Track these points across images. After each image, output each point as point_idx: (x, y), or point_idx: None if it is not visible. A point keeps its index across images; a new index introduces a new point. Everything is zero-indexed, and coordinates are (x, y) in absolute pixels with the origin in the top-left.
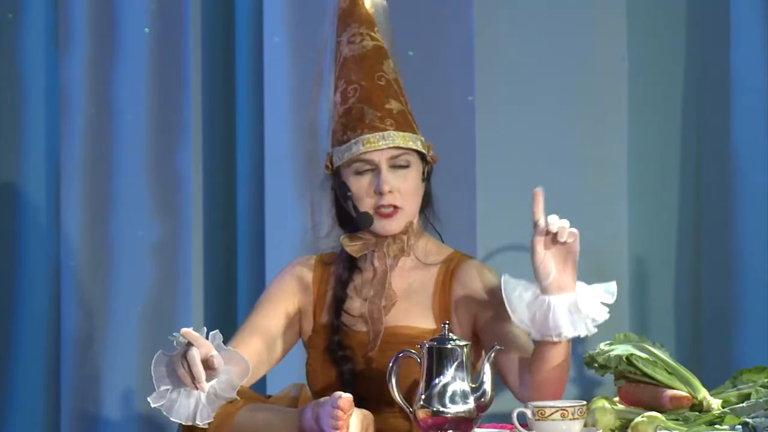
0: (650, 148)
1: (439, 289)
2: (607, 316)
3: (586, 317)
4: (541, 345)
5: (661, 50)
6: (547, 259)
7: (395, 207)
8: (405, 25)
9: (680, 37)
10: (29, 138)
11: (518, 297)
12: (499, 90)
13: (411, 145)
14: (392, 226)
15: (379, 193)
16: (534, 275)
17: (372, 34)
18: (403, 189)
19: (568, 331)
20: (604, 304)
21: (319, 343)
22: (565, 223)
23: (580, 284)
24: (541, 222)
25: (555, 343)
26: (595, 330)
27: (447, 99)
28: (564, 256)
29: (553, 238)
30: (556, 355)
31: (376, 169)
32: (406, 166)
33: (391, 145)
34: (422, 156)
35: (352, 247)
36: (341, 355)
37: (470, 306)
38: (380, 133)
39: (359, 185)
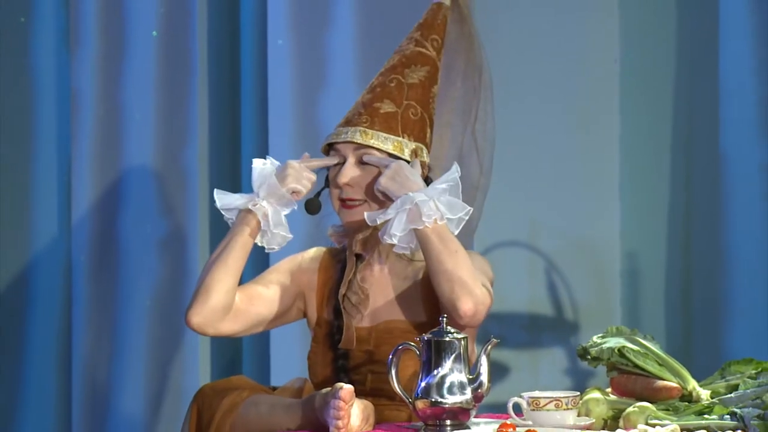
0: (642, 149)
1: (427, 283)
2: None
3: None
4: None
5: (653, 53)
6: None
7: (353, 200)
8: (407, 29)
9: (671, 40)
10: (41, 137)
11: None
12: (497, 91)
13: (372, 142)
14: (351, 216)
15: (338, 186)
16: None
17: (423, 41)
18: (364, 184)
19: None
20: (446, 183)
21: (320, 336)
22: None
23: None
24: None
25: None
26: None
27: None
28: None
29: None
30: (423, 242)
31: (344, 162)
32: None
33: (348, 140)
34: (400, 160)
35: (335, 238)
36: (341, 352)
37: None
38: (347, 128)
39: (331, 175)
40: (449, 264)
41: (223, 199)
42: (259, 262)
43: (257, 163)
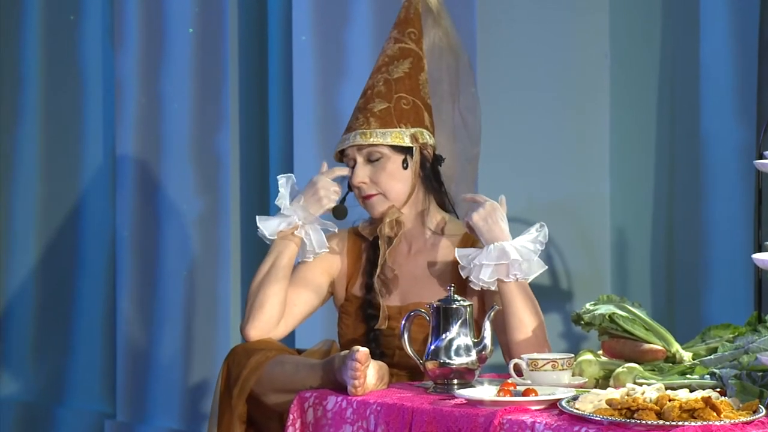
0: (630, 132)
1: (456, 264)
2: (536, 250)
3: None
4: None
5: (639, 47)
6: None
7: (371, 194)
8: None
9: (656, 34)
10: (88, 124)
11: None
12: (497, 83)
13: (372, 140)
14: (373, 208)
15: (356, 187)
16: None
17: (401, 37)
18: (377, 179)
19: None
20: (537, 243)
21: (351, 310)
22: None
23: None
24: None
25: (503, 285)
26: (533, 272)
27: None
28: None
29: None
30: (507, 296)
31: (355, 165)
32: (378, 159)
33: (352, 144)
34: (404, 147)
35: (365, 231)
36: (372, 326)
37: None
38: (349, 134)
39: (350, 180)
40: (530, 323)
41: (268, 227)
42: None
43: (284, 188)
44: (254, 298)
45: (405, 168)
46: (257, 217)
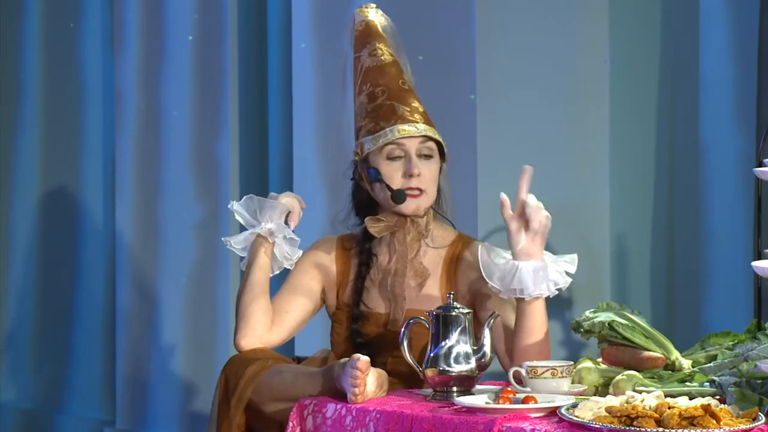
0: (629, 139)
1: (446, 271)
2: (568, 282)
3: (548, 280)
4: (518, 306)
5: (639, 53)
6: (519, 232)
7: (420, 190)
8: (415, 32)
9: (656, 41)
10: (88, 130)
11: (492, 262)
12: (497, 89)
13: (437, 136)
14: (418, 205)
15: (409, 176)
16: (508, 244)
17: (388, 49)
18: (427, 176)
19: (531, 291)
20: (567, 272)
21: (342, 319)
22: (539, 209)
23: (547, 254)
24: (527, 199)
25: (526, 301)
26: (556, 292)
27: (452, 97)
28: (534, 232)
29: (526, 217)
30: (529, 314)
31: (406, 156)
32: (431, 156)
33: (423, 134)
34: (441, 152)
35: (375, 228)
36: (360, 342)
37: (471, 285)
38: (412, 125)
39: (390, 169)
40: (537, 338)
41: (235, 241)
42: None
43: (235, 205)
44: (237, 312)
45: (439, 174)
46: (222, 239)
